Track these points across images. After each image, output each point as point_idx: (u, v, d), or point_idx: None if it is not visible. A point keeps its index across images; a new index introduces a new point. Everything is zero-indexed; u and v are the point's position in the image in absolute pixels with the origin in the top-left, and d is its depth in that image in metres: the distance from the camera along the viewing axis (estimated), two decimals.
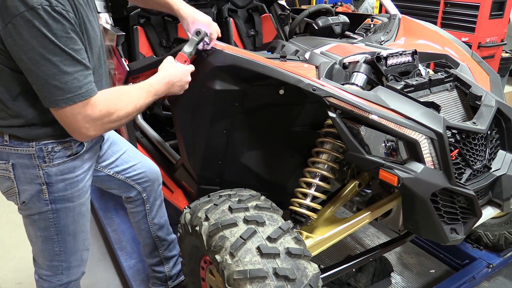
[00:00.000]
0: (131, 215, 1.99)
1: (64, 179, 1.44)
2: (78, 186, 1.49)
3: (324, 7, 2.94)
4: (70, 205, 1.49)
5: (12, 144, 1.36)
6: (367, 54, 1.77)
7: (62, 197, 1.46)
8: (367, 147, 1.54)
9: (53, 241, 1.52)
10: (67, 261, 1.58)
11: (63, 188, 1.45)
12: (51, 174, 1.41)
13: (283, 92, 1.72)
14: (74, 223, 1.53)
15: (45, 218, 1.47)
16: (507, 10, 4.24)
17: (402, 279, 2.33)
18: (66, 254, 1.56)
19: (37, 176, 1.40)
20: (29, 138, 1.36)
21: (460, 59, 2.00)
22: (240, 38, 3.42)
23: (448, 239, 1.56)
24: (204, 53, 1.73)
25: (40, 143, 1.37)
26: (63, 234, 1.52)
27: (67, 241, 1.54)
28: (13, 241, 2.76)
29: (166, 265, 2.06)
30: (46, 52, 1.15)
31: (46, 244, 1.53)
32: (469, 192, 1.52)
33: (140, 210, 1.93)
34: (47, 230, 1.50)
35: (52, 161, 1.40)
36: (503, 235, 2.26)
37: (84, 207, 1.55)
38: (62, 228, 1.51)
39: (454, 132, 1.54)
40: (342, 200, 1.89)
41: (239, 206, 1.49)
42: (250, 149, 1.94)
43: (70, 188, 1.46)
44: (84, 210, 1.56)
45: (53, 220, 1.48)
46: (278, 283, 1.31)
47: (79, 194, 1.50)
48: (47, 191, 1.43)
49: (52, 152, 1.39)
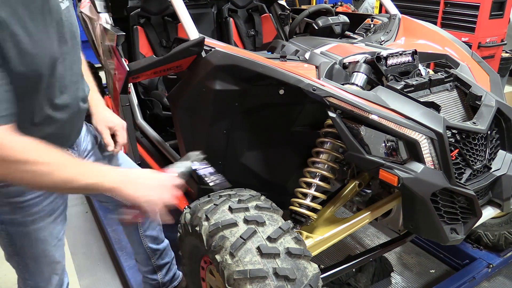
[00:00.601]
0: (122, 226, 1.92)
1: (9, 202, 1.28)
2: (30, 211, 1.32)
3: (324, 7, 2.94)
4: (23, 230, 1.34)
5: None
6: (367, 54, 1.77)
7: (11, 220, 1.32)
8: (367, 147, 1.54)
9: (14, 260, 1.43)
10: (33, 280, 1.48)
11: (10, 211, 1.30)
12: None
13: (283, 92, 1.72)
14: (31, 248, 1.38)
15: (1, 236, 1.37)
16: (507, 10, 4.24)
17: (402, 279, 2.33)
18: (30, 274, 1.46)
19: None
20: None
21: (460, 59, 2.00)
22: (240, 38, 3.42)
23: (448, 239, 1.56)
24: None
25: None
26: (21, 256, 1.40)
27: (28, 264, 1.43)
28: None
29: (159, 273, 2.02)
30: None
31: (10, 259, 1.45)
32: (469, 192, 1.52)
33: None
34: (6, 248, 1.40)
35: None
36: (503, 235, 2.26)
37: (43, 233, 1.37)
38: (19, 250, 1.39)
39: (454, 132, 1.54)
40: (342, 200, 1.89)
41: (239, 206, 1.49)
42: (250, 149, 1.94)
43: (20, 212, 1.30)
44: (45, 235, 1.38)
45: (9, 241, 1.37)
46: (278, 283, 1.31)
47: (33, 219, 1.33)
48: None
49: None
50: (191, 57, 1.77)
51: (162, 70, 1.82)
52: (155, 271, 2.02)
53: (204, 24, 3.30)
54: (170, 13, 3.11)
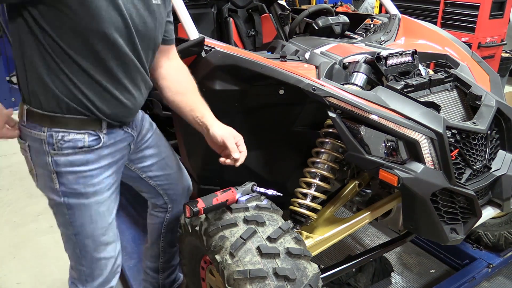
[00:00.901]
0: (149, 217, 1.94)
1: (74, 171, 1.35)
2: (92, 181, 1.39)
3: (324, 7, 2.94)
4: (85, 202, 1.39)
5: (28, 126, 1.33)
6: (367, 54, 1.77)
7: (73, 191, 1.37)
8: (367, 147, 1.54)
9: (72, 241, 1.45)
10: (89, 267, 1.48)
11: (73, 180, 1.36)
12: (59, 163, 1.34)
13: (283, 92, 1.72)
14: (91, 223, 1.42)
15: (61, 213, 1.41)
16: (507, 10, 4.24)
17: (402, 279, 2.33)
18: (87, 260, 1.47)
19: (46, 162, 1.34)
20: (42, 122, 1.31)
21: (460, 59, 2.00)
22: (240, 38, 3.42)
23: (448, 239, 1.56)
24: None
25: (51, 130, 1.31)
26: (80, 235, 1.43)
27: (86, 245, 1.44)
28: (13, 241, 2.76)
29: (161, 274, 2.04)
30: None
31: (68, 242, 1.47)
32: (469, 192, 1.52)
33: (159, 216, 1.88)
34: (65, 227, 1.43)
35: (61, 150, 1.32)
36: (503, 235, 2.26)
37: (102, 207, 1.43)
38: (79, 228, 1.42)
39: (454, 132, 1.54)
40: (342, 200, 1.89)
41: (239, 206, 1.49)
42: (250, 149, 1.93)
43: (83, 182, 1.37)
44: (103, 210, 1.44)
45: (69, 217, 1.40)
46: (278, 283, 1.31)
47: (95, 190, 1.40)
48: (57, 181, 1.36)
49: (62, 140, 1.32)
50: (191, 57, 1.77)
51: None
52: (158, 271, 2.02)
53: (204, 24, 3.30)
54: None
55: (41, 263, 2.54)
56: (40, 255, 2.61)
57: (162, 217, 1.87)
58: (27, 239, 2.77)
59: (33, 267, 2.52)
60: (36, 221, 2.91)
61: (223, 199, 1.48)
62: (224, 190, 1.51)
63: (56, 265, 2.50)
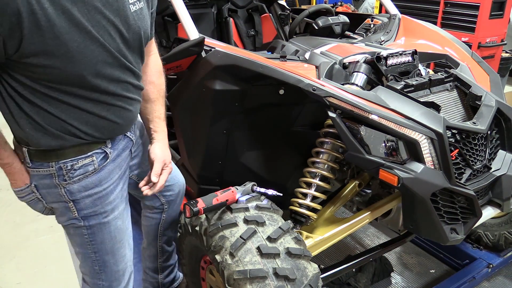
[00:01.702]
0: (144, 218, 1.94)
1: (89, 194, 1.34)
2: (109, 199, 1.38)
3: (324, 7, 2.94)
4: (104, 221, 1.39)
5: (34, 165, 1.29)
6: (367, 54, 1.77)
7: (93, 213, 1.36)
8: (367, 147, 1.54)
9: (91, 259, 1.44)
10: (108, 280, 1.49)
11: (91, 204, 1.35)
12: (74, 192, 1.32)
13: (283, 92, 1.72)
14: (111, 240, 1.42)
15: (80, 234, 1.39)
16: (507, 10, 4.24)
17: (402, 279, 2.33)
18: (106, 274, 1.47)
19: (60, 194, 1.32)
20: (47, 159, 1.28)
21: (460, 59, 2.00)
22: (240, 38, 3.42)
23: (448, 239, 1.56)
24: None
25: (58, 162, 1.28)
26: (100, 252, 1.42)
27: (106, 260, 1.44)
28: (13, 241, 2.76)
29: (160, 274, 2.03)
30: None
31: (85, 261, 1.45)
32: (469, 192, 1.52)
33: (155, 218, 1.88)
34: (84, 247, 1.42)
35: (72, 179, 1.30)
36: (503, 235, 2.26)
37: (120, 221, 1.44)
38: (99, 246, 1.41)
39: (454, 132, 1.54)
40: (342, 200, 1.89)
41: (239, 206, 1.49)
42: (250, 149, 1.94)
43: (100, 203, 1.36)
44: (120, 224, 1.44)
45: (88, 237, 1.39)
46: (278, 283, 1.31)
47: (112, 207, 1.40)
48: (75, 208, 1.34)
49: (72, 170, 1.30)
50: (191, 57, 1.78)
51: None
52: (157, 271, 2.03)
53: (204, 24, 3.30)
54: (170, 13, 3.11)
55: (41, 263, 2.54)
56: (40, 255, 2.61)
57: (158, 218, 1.87)
58: (27, 239, 2.77)
59: (33, 267, 2.52)
60: (36, 221, 2.91)
61: (223, 199, 1.48)
62: (224, 190, 1.51)
63: (56, 265, 2.50)
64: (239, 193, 1.53)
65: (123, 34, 1.22)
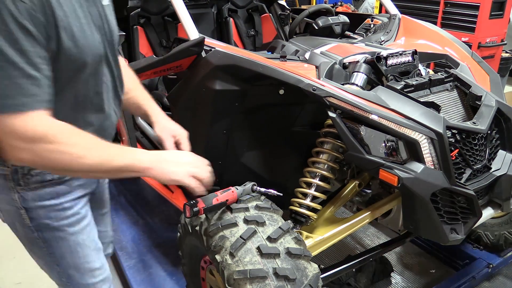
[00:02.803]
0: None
1: (43, 205, 1.23)
2: (65, 214, 1.27)
3: (324, 7, 2.94)
4: (60, 234, 1.27)
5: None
6: (367, 54, 1.77)
7: (46, 225, 1.26)
8: (367, 147, 1.54)
9: (56, 270, 1.34)
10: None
11: (44, 215, 1.24)
12: (27, 199, 1.21)
13: (283, 92, 1.72)
14: (72, 254, 1.31)
15: (36, 245, 1.29)
16: (507, 10, 4.24)
17: (402, 279, 2.33)
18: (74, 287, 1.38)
19: (12, 199, 1.22)
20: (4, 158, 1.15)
21: (460, 59, 2.00)
22: (240, 38, 3.42)
23: (448, 239, 1.56)
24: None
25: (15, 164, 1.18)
26: (63, 266, 1.32)
27: (71, 275, 1.34)
28: (13, 241, 2.75)
29: None
30: None
31: (50, 271, 1.36)
32: (469, 192, 1.52)
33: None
34: (44, 258, 1.33)
35: (28, 185, 1.20)
36: (503, 235, 2.26)
37: (81, 236, 1.31)
38: (59, 259, 1.31)
39: (454, 132, 1.54)
40: (342, 200, 1.89)
41: (239, 206, 1.49)
42: (250, 149, 1.94)
43: (55, 216, 1.25)
44: (84, 239, 1.32)
45: (47, 250, 1.29)
46: (278, 283, 1.31)
47: (70, 222, 1.28)
48: (28, 217, 1.24)
49: (28, 175, 1.19)
50: (191, 57, 1.77)
51: (162, 70, 1.82)
52: None
53: (204, 24, 3.30)
54: (170, 13, 3.12)
55: None
56: None
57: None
58: None
59: (33, 267, 2.49)
60: None
61: (223, 199, 1.48)
62: (224, 190, 1.51)
63: None
64: (239, 193, 1.53)
65: (104, 30, 1.19)
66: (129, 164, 1.14)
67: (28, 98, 1.00)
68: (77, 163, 1.07)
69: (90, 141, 1.11)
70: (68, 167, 1.09)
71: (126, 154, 1.15)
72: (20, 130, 1.00)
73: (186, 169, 1.22)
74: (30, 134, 1.01)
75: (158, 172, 1.17)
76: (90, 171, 1.11)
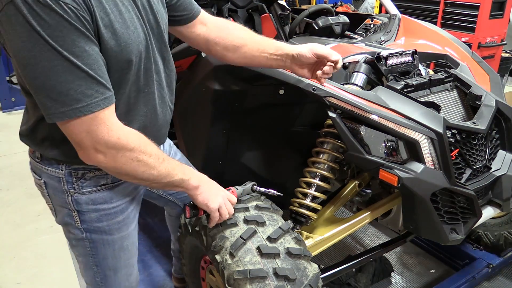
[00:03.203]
0: (168, 219, 1.94)
1: (96, 209, 1.26)
2: (117, 218, 1.30)
3: (324, 7, 2.94)
4: (109, 238, 1.31)
5: (43, 162, 1.22)
6: (367, 54, 1.77)
7: (97, 228, 1.28)
8: (367, 147, 1.54)
9: (93, 271, 1.37)
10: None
11: (96, 218, 1.27)
12: (81, 202, 1.24)
13: (283, 92, 1.72)
14: (114, 258, 1.34)
15: (82, 245, 1.32)
16: (507, 10, 4.24)
17: (402, 279, 2.33)
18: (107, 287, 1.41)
19: (66, 202, 1.24)
20: (59, 159, 1.19)
21: (460, 59, 2.00)
22: None
23: (448, 239, 1.56)
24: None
25: (70, 167, 1.20)
26: (102, 267, 1.35)
27: (107, 276, 1.37)
28: (13, 241, 2.76)
29: None
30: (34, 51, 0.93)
31: (87, 271, 1.39)
32: (469, 192, 1.52)
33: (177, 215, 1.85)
34: (85, 258, 1.35)
35: (82, 189, 1.23)
36: (503, 235, 2.26)
37: (127, 241, 1.36)
38: (101, 261, 1.34)
39: (454, 132, 1.54)
40: (342, 200, 1.89)
41: (239, 206, 1.49)
42: (250, 149, 1.94)
43: (106, 220, 1.28)
44: (128, 244, 1.36)
45: (91, 250, 1.32)
46: (278, 283, 1.31)
47: (119, 227, 1.31)
48: (79, 219, 1.26)
49: (82, 179, 1.22)
50: (191, 57, 1.78)
51: None
52: None
53: None
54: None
55: (41, 263, 2.54)
56: (40, 255, 2.61)
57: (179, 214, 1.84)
58: (27, 239, 2.77)
59: (33, 267, 2.52)
60: (36, 221, 2.91)
61: None
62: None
63: (56, 265, 2.50)
64: (239, 193, 1.52)
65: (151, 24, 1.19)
66: (185, 180, 1.21)
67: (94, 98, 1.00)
68: (148, 173, 1.12)
69: (159, 152, 1.16)
70: (139, 175, 1.12)
71: (184, 170, 1.22)
72: (104, 135, 1.02)
73: (220, 201, 1.32)
74: (114, 141, 1.04)
75: (202, 195, 1.27)
76: (153, 181, 1.16)
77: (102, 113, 1.02)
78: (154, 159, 1.12)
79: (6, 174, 3.62)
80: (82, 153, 1.08)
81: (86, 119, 1.00)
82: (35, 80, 0.96)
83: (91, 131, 1.02)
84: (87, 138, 1.03)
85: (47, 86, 0.96)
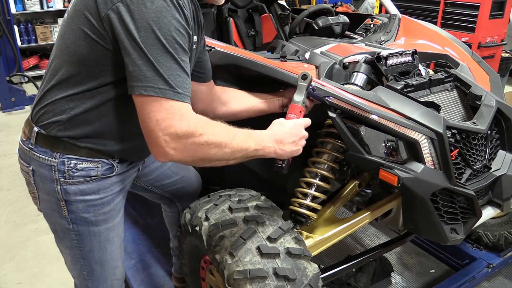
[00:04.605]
0: (165, 215, 1.97)
1: (84, 200, 1.29)
2: (103, 209, 1.33)
3: (324, 7, 2.94)
4: (95, 229, 1.34)
5: (36, 150, 1.24)
6: (367, 54, 1.77)
7: (83, 219, 1.31)
8: (367, 147, 1.54)
9: (80, 264, 1.39)
10: (96, 287, 1.45)
11: (83, 209, 1.30)
12: (69, 192, 1.27)
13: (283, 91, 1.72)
14: (100, 250, 1.37)
15: (69, 237, 1.35)
16: (507, 10, 4.24)
17: (402, 279, 2.33)
18: (94, 282, 1.43)
19: (55, 191, 1.27)
20: (53, 147, 1.23)
21: (460, 59, 2.00)
22: (240, 38, 3.42)
23: (448, 239, 1.56)
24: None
25: (64, 156, 1.23)
26: (88, 259, 1.38)
27: (93, 269, 1.40)
28: (13, 241, 2.76)
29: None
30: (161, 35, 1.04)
31: (74, 264, 1.41)
32: (469, 192, 1.52)
33: (175, 212, 1.89)
34: (72, 250, 1.37)
35: (72, 178, 1.25)
36: (503, 235, 2.26)
37: (112, 233, 1.39)
38: (87, 253, 1.36)
39: (454, 132, 1.54)
40: (342, 200, 1.88)
41: (239, 206, 1.49)
42: None
43: (93, 210, 1.31)
44: (113, 235, 1.39)
45: (77, 242, 1.35)
46: (278, 283, 1.31)
47: (105, 218, 1.34)
48: (66, 209, 1.29)
49: (74, 169, 1.25)
50: None
51: None
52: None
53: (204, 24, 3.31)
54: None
55: (41, 263, 2.54)
56: (40, 255, 2.61)
57: (176, 211, 1.89)
58: (27, 239, 2.77)
59: (33, 267, 2.52)
60: (36, 221, 2.91)
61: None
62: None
63: (56, 265, 2.50)
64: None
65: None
66: (259, 150, 1.25)
67: (186, 90, 1.10)
68: (222, 152, 1.16)
69: (226, 129, 1.20)
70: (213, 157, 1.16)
71: (255, 138, 1.25)
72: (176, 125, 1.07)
73: (295, 139, 1.36)
74: (184, 130, 1.08)
75: (280, 151, 1.31)
76: (228, 159, 1.20)
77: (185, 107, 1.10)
78: (224, 138, 1.16)
79: (6, 174, 3.62)
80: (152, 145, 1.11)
81: (175, 104, 1.07)
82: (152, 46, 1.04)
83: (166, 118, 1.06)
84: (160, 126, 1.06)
85: (161, 60, 1.05)
